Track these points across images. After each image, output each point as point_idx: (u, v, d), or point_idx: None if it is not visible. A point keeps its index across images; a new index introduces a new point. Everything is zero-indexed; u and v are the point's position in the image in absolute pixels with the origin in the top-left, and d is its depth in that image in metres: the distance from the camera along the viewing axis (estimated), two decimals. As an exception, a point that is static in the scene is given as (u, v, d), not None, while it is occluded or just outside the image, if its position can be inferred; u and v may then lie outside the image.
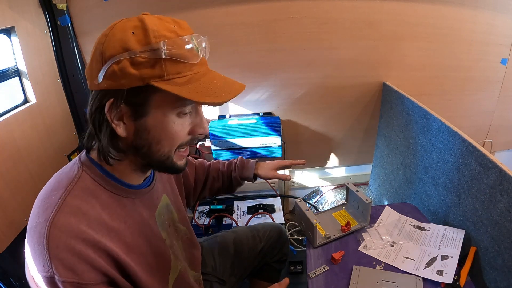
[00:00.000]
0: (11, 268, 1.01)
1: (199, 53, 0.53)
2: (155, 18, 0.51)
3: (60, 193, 0.50)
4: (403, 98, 1.30)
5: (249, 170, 0.93)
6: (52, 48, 1.34)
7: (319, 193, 1.89)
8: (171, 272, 0.66)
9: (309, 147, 1.73)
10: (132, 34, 0.48)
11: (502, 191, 0.75)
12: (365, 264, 0.85)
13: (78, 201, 0.50)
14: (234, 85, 0.56)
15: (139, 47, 0.47)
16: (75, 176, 0.53)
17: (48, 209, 0.48)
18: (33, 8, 1.24)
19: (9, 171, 1.08)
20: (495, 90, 1.66)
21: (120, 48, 0.48)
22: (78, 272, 0.46)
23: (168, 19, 0.52)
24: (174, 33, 0.50)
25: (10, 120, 1.11)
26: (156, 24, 0.49)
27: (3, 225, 1.02)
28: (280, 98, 1.59)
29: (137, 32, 0.48)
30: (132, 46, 0.47)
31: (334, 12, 1.41)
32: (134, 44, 0.48)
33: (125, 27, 0.49)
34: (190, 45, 0.51)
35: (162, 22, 0.50)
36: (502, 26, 1.50)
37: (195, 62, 0.52)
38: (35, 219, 0.48)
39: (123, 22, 0.50)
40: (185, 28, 0.53)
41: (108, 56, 0.48)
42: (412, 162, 1.27)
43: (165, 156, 0.56)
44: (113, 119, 0.51)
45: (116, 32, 0.49)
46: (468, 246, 0.86)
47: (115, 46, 0.48)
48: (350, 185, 1.02)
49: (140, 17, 0.50)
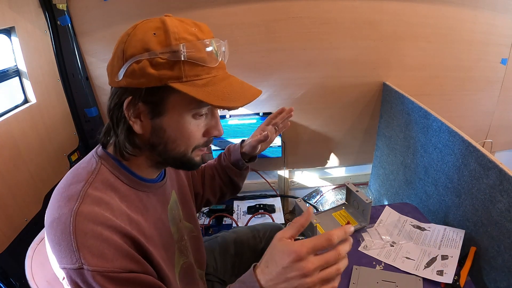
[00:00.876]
0: (11, 268, 1.01)
1: (218, 56, 0.54)
2: (176, 20, 0.51)
3: (81, 185, 0.50)
4: (403, 98, 1.30)
5: (235, 152, 0.89)
6: (52, 48, 1.34)
7: (319, 193, 1.89)
8: (175, 264, 0.67)
9: (309, 147, 1.73)
10: (153, 35, 0.49)
11: (502, 191, 0.75)
12: (365, 264, 0.85)
13: (99, 192, 0.50)
14: (250, 90, 0.57)
15: (159, 48, 0.48)
16: (94, 169, 0.54)
17: (71, 201, 0.48)
18: (33, 8, 1.24)
19: (9, 171, 1.08)
20: (495, 90, 1.66)
21: (141, 48, 0.49)
22: (108, 258, 0.45)
23: (189, 21, 0.53)
24: (194, 36, 0.51)
25: (10, 120, 1.11)
26: (177, 26, 0.50)
27: (3, 225, 1.02)
28: (280, 98, 1.59)
29: (158, 33, 0.49)
30: (153, 46, 0.48)
31: (334, 12, 1.41)
32: (154, 45, 0.48)
33: (147, 27, 0.50)
34: (209, 48, 0.52)
35: (183, 24, 0.51)
36: (502, 26, 1.50)
37: (214, 65, 0.53)
38: (57, 211, 0.48)
39: (145, 22, 0.51)
40: (205, 31, 0.54)
41: (129, 55, 0.49)
42: (412, 162, 1.27)
43: (181, 154, 0.56)
44: (131, 117, 0.52)
45: (138, 32, 0.50)
46: (468, 246, 0.86)
47: (136, 45, 0.49)
48: (350, 185, 1.02)
49: (162, 18, 0.51)
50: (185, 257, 0.72)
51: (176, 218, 0.70)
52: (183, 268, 0.70)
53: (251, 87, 0.58)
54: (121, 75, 0.50)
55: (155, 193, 0.63)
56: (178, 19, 0.52)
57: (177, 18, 0.52)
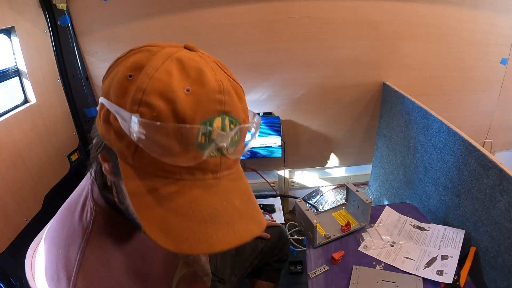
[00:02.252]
0: (11, 268, 1.01)
1: (205, 149, 0.35)
2: (177, 60, 0.35)
3: (77, 245, 0.45)
4: (403, 98, 1.30)
5: None
6: (52, 48, 1.34)
7: (319, 193, 1.89)
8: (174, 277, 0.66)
9: (309, 147, 1.73)
10: (127, 78, 0.35)
11: (502, 191, 0.75)
12: (365, 264, 0.85)
13: (97, 251, 0.46)
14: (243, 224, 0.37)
15: (113, 100, 0.36)
16: (89, 222, 0.47)
17: (69, 267, 0.44)
18: (33, 8, 1.24)
19: (9, 171, 1.08)
20: (495, 90, 1.66)
21: (106, 87, 0.38)
22: None
23: (198, 69, 0.36)
24: (172, 104, 0.33)
25: (10, 120, 1.11)
26: (159, 75, 0.34)
27: (3, 225, 1.02)
28: (280, 98, 1.58)
29: (133, 76, 0.35)
30: (112, 94, 0.36)
31: (334, 12, 1.41)
32: (114, 92, 0.36)
33: (135, 58, 0.36)
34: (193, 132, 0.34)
35: (179, 72, 0.35)
36: (502, 26, 1.50)
37: (188, 163, 0.35)
38: (55, 271, 0.45)
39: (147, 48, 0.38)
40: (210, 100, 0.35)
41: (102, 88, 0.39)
42: (412, 162, 1.27)
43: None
44: (99, 157, 0.42)
45: (124, 62, 0.37)
46: (468, 246, 0.86)
47: (108, 81, 0.38)
48: (350, 185, 1.02)
49: (166, 51, 0.36)
50: (190, 268, 0.70)
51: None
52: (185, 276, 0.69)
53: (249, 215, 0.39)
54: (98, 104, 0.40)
55: None
56: (182, 59, 0.36)
57: (188, 55, 0.37)
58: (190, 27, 1.39)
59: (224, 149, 0.36)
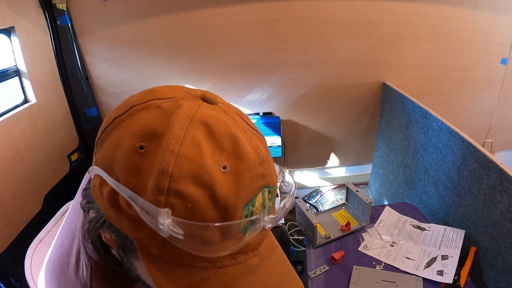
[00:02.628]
0: (11, 268, 1.01)
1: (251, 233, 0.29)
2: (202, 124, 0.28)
3: None
4: (403, 98, 1.30)
5: None
6: (52, 48, 1.34)
7: (319, 193, 1.89)
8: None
9: (309, 147, 1.73)
10: (136, 151, 0.27)
11: (502, 191, 0.75)
12: (365, 264, 0.85)
13: None
14: None
15: (122, 181, 0.27)
16: (87, 280, 0.41)
17: None
18: (33, 8, 1.24)
19: (9, 171, 1.08)
20: (495, 90, 1.66)
21: (108, 160, 0.29)
22: None
23: (230, 135, 0.28)
24: (209, 190, 0.26)
25: (10, 120, 1.11)
26: (187, 152, 0.26)
27: (3, 225, 1.02)
28: (280, 98, 1.58)
29: (146, 148, 0.27)
30: (116, 172, 0.28)
31: (334, 12, 1.41)
32: (120, 170, 0.28)
33: (143, 122, 0.28)
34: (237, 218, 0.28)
35: (209, 143, 0.27)
36: (502, 26, 1.50)
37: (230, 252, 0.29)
38: None
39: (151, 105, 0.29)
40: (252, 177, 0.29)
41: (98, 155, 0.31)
42: (412, 162, 1.27)
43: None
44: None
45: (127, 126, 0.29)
46: (468, 246, 0.86)
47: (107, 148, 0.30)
48: (350, 185, 1.02)
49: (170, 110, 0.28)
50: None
51: None
52: None
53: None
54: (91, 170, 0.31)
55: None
56: (216, 117, 0.29)
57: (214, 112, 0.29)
58: (190, 27, 1.39)
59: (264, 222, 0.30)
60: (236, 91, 1.56)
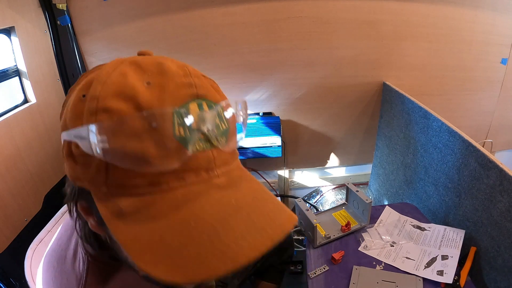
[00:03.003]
0: (11, 268, 1.01)
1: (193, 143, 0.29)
2: (131, 63, 0.31)
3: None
4: (403, 98, 1.30)
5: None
6: (52, 48, 1.34)
7: (319, 193, 1.89)
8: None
9: (309, 147, 1.73)
10: (80, 99, 0.30)
11: (502, 191, 0.75)
12: (365, 264, 0.85)
13: None
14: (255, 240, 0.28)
15: (69, 124, 0.30)
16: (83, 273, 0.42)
17: None
18: (33, 8, 1.24)
19: (9, 171, 1.08)
20: (495, 90, 1.66)
21: (62, 120, 0.33)
22: None
23: (156, 63, 0.31)
24: (132, 101, 0.28)
25: (10, 120, 1.10)
26: (113, 79, 0.29)
27: (3, 225, 1.02)
28: (280, 98, 1.58)
29: (87, 95, 0.29)
30: (66, 120, 0.31)
31: (334, 12, 1.41)
32: (68, 117, 0.31)
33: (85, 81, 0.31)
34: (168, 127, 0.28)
35: (135, 71, 0.30)
36: (502, 26, 1.50)
37: (172, 166, 0.28)
38: None
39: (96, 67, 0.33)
40: (177, 85, 0.30)
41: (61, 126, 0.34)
42: (412, 162, 1.27)
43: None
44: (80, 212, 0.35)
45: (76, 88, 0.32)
46: (468, 246, 0.86)
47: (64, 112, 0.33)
48: (350, 185, 1.02)
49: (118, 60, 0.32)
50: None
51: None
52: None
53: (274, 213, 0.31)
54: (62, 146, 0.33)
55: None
56: (138, 61, 0.31)
57: (142, 58, 0.32)
58: (190, 27, 1.39)
59: (212, 138, 0.30)
60: (236, 91, 1.56)
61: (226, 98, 0.34)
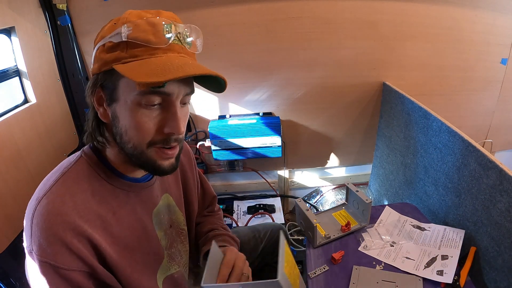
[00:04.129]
0: (11, 268, 1.01)
1: (170, 37, 0.51)
2: (140, 10, 0.53)
3: (56, 175, 0.53)
4: (403, 98, 1.30)
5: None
6: (52, 48, 1.34)
7: (319, 193, 1.89)
8: (159, 270, 0.64)
9: (309, 147, 1.73)
10: (113, 25, 0.51)
11: (502, 191, 0.75)
12: (365, 264, 0.85)
13: (70, 182, 0.52)
14: (195, 68, 0.50)
15: (108, 33, 0.51)
16: (73, 161, 0.56)
17: (42, 190, 0.51)
18: (33, 8, 1.24)
19: (9, 171, 1.08)
20: (495, 90, 1.66)
21: (100, 37, 0.53)
22: (54, 252, 0.47)
23: (153, 11, 0.53)
24: (143, 19, 0.50)
25: (10, 120, 1.11)
26: (131, 14, 0.51)
27: (3, 225, 1.02)
28: (280, 98, 1.59)
29: (116, 22, 0.52)
30: (105, 33, 0.52)
31: (334, 12, 1.41)
32: (107, 31, 0.52)
33: (115, 19, 0.53)
34: (160, 29, 0.50)
35: (140, 12, 0.52)
36: (502, 26, 1.50)
37: (160, 46, 0.50)
38: (32, 198, 0.52)
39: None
40: (164, 16, 0.52)
41: (95, 43, 0.54)
42: (412, 162, 1.27)
43: (137, 150, 0.54)
44: (95, 103, 0.55)
45: (106, 24, 0.54)
46: (468, 246, 0.86)
47: (100, 34, 0.54)
48: (350, 185, 1.02)
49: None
50: (177, 266, 0.69)
51: (165, 223, 0.67)
52: (174, 277, 0.68)
53: (200, 66, 0.52)
54: (91, 62, 0.55)
55: (138, 194, 0.61)
56: (144, 10, 0.53)
57: (146, 10, 0.53)
58: (190, 27, 1.39)
59: (182, 39, 0.53)
60: (236, 91, 1.56)
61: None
